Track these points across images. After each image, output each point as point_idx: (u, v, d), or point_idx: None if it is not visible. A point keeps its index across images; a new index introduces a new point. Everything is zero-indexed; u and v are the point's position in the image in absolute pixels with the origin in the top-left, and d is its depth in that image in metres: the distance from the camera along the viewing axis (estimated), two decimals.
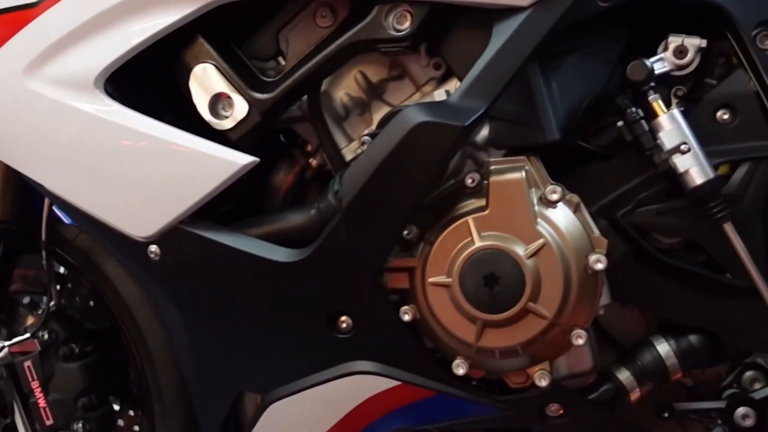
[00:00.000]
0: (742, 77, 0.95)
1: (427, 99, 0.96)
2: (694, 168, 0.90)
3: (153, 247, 0.98)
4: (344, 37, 0.92)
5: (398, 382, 0.96)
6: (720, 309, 0.95)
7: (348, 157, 1.00)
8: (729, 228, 0.90)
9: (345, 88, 1.01)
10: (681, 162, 0.90)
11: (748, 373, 1.00)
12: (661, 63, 0.94)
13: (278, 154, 1.07)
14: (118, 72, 0.95)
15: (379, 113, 1.00)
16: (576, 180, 0.96)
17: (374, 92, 1.00)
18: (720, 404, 0.96)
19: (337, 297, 0.94)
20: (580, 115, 0.94)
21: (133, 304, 1.19)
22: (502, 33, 0.87)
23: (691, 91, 0.99)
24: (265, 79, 0.97)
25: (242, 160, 0.93)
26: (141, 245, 0.99)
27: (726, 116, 0.95)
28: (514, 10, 0.87)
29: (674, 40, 0.95)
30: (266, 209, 1.07)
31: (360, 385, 0.97)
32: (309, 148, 1.05)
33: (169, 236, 0.97)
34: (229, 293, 0.98)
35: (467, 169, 0.96)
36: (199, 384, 1.05)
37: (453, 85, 0.96)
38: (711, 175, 0.90)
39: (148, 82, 0.99)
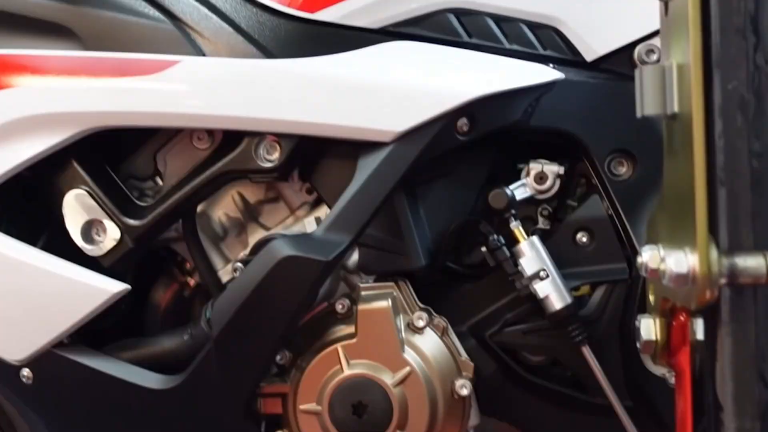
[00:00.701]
0: (598, 201, 1.00)
1: (300, 224, 0.99)
2: (552, 294, 0.94)
3: (25, 371, 0.98)
4: (215, 167, 0.93)
5: None
6: (582, 426, 0.99)
7: (224, 279, 1.01)
8: (586, 351, 0.95)
9: (223, 208, 1.03)
10: (540, 288, 0.94)
11: None
12: (522, 189, 0.99)
13: (159, 271, 1.08)
14: None
15: (254, 236, 1.01)
16: (446, 300, 1.00)
17: (250, 214, 1.02)
18: None
19: (209, 425, 0.94)
20: (447, 239, 0.97)
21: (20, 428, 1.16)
22: (366, 167, 0.90)
23: (555, 210, 1.04)
24: (139, 203, 0.98)
25: (113, 288, 0.94)
26: (14, 368, 0.98)
27: (584, 239, 1.00)
28: (377, 145, 0.90)
29: (534, 167, 1.00)
30: (147, 326, 1.07)
31: None
32: (188, 265, 1.06)
33: (41, 360, 0.97)
34: (102, 419, 0.97)
35: (340, 291, 0.99)
36: None
37: (324, 211, 0.98)
38: (568, 300, 0.94)
39: (22, 203, 0.99)
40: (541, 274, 0.94)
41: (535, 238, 0.96)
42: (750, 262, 0.59)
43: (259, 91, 0.89)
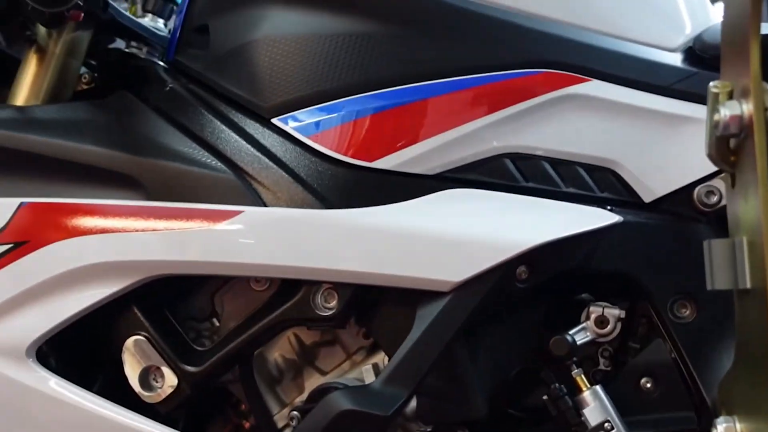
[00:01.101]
0: (662, 345, 0.98)
1: (357, 370, 0.98)
2: None
3: None
4: (273, 315, 0.94)
5: None
6: None
7: (280, 424, 1.00)
8: None
9: (279, 350, 1.03)
10: None
11: None
12: (583, 333, 0.97)
13: (213, 410, 1.07)
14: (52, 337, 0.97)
15: (310, 380, 1.01)
16: None
17: (306, 357, 1.02)
18: None
19: None
20: (507, 386, 0.96)
21: None
22: (424, 318, 0.89)
23: (616, 351, 1.02)
24: (197, 348, 0.98)
25: None
26: None
27: (649, 385, 0.97)
28: (436, 294, 0.90)
29: (595, 311, 0.98)
30: None
31: None
32: (243, 407, 1.05)
33: None
34: None
35: None
36: None
37: (381, 357, 0.98)
38: None
39: (79, 347, 1.00)
40: (606, 425, 0.91)
41: (598, 387, 0.94)
42: None
43: (318, 242, 0.90)
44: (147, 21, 1.30)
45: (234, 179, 0.95)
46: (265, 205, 0.95)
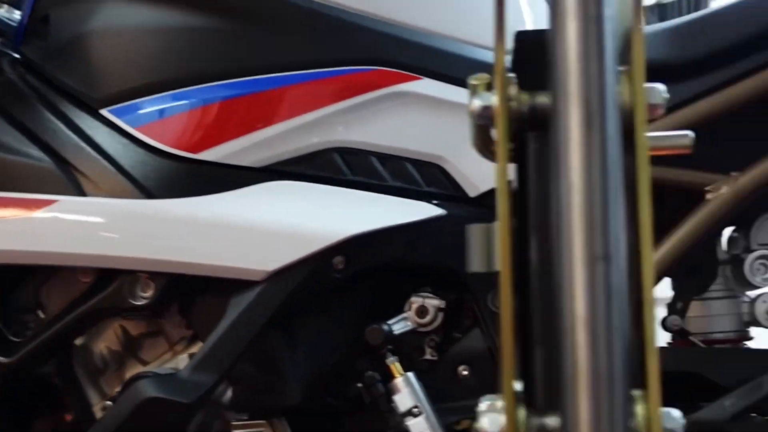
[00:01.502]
0: (479, 335, 1.01)
1: (175, 360, 0.98)
2: (426, 431, 0.93)
3: None
4: (88, 304, 0.94)
5: None
6: None
7: (98, 416, 0.99)
8: None
9: (106, 341, 1.02)
10: (413, 425, 0.94)
11: None
12: (403, 323, 0.99)
13: (42, 404, 1.06)
14: None
15: (132, 371, 1.00)
16: None
17: (131, 348, 1.02)
18: None
19: None
20: (325, 375, 0.97)
21: None
22: (236, 306, 0.90)
23: (442, 342, 1.05)
24: (12, 339, 0.97)
25: None
26: None
27: (465, 372, 1.00)
28: (249, 283, 0.91)
29: (416, 301, 1.00)
30: None
31: None
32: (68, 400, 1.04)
33: None
34: None
35: (216, 428, 0.97)
36: None
37: (198, 347, 0.98)
38: None
39: None
40: (414, 410, 0.94)
41: (410, 374, 0.96)
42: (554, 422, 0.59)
43: (131, 231, 0.91)
44: (2, 12, 1.28)
45: (53, 168, 0.95)
46: (85, 195, 0.95)
